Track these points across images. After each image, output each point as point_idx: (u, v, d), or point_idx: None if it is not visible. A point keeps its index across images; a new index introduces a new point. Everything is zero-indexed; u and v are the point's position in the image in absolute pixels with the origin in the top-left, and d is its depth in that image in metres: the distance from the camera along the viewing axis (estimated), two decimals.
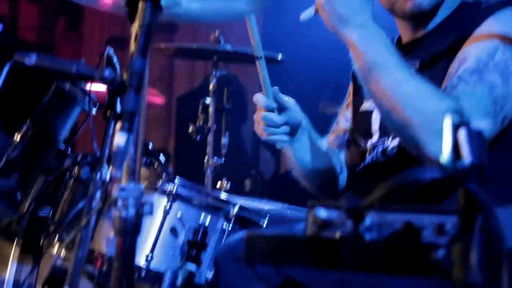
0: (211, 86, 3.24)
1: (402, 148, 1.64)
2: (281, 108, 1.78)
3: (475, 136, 0.82)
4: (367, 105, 1.84)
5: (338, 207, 0.92)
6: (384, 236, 0.87)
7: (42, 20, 6.61)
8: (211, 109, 3.20)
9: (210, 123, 3.18)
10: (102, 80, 1.22)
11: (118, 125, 1.15)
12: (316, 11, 1.57)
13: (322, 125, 2.04)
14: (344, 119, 2.00)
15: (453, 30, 1.66)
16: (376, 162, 1.73)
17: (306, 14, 1.60)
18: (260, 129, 1.77)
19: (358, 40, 1.51)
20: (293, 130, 1.80)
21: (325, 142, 1.98)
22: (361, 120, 1.85)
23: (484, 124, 0.84)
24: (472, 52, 1.55)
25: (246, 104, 4.81)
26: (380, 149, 1.72)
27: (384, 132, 1.74)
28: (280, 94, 1.78)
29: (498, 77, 1.50)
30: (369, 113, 1.82)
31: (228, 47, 3.16)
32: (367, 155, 1.78)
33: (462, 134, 0.82)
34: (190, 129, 3.17)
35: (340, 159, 1.95)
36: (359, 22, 1.50)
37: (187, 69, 5.27)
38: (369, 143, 1.78)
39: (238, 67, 4.61)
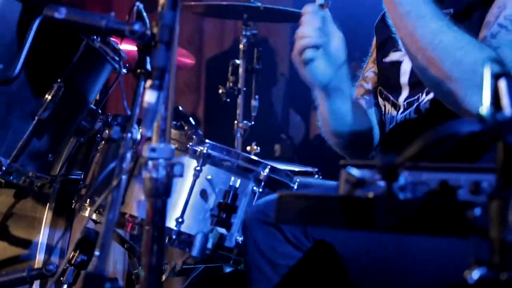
0: (241, 46, 3.21)
1: (435, 103, 1.61)
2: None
3: None
4: (396, 55, 1.79)
5: (371, 165, 0.91)
6: (418, 195, 0.86)
7: None
8: (241, 70, 3.17)
9: (240, 85, 3.16)
10: (132, 34, 1.20)
11: (148, 82, 1.15)
12: None
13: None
14: (371, 72, 1.93)
15: None
16: (409, 119, 1.69)
17: None
18: (297, 38, 1.60)
19: None
20: (332, 65, 1.65)
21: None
22: (389, 72, 1.80)
23: None
24: None
25: (276, 66, 4.78)
26: (414, 106, 1.68)
27: (416, 85, 1.69)
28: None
29: None
30: (398, 64, 1.77)
31: (259, 4, 3.11)
32: (399, 111, 1.73)
33: (503, 84, 0.80)
34: (220, 91, 3.16)
35: (369, 116, 1.89)
36: None
37: (217, 30, 5.23)
38: (400, 98, 1.73)
39: (268, 27, 4.57)
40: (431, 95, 1.64)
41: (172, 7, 1.18)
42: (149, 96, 1.13)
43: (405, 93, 1.73)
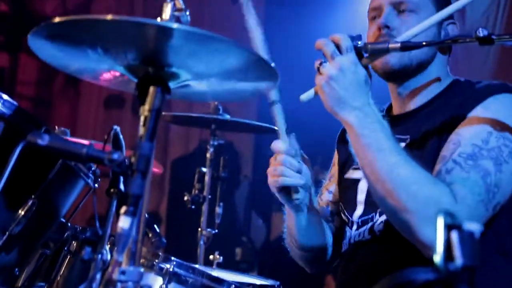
0: (208, 155, 3.27)
1: (389, 226, 1.66)
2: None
3: (467, 238, 0.86)
4: (355, 173, 1.86)
5: None
6: None
7: (41, 75, 6.68)
8: (207, 178, 3.22)
9: (205, 192, 3.20)
10: (111, 162, 1.25)
11: (123, 208, 1.18)
12: (316, 93, 1.61)
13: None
14: (327, 192, 2.02)
15: (445, 107, 1.70)
16: (363, 240, 1.75)
17: (306, 95, 1.64)
18: (276, 174, 1.70)
19: (355, 123, 1.55)
20: (304, 188, 1.74)
21: None
22: (347, 189, 1.88)
23: (475, 226, 0.88)
24: (467, 136, 1.59)
25: (240, 171, 4.86)
26: (368, 228, 1.74)
27: (371, 205, 1.75)
28: (301, 151, 1.74)
29: (492, 165, 1.53)
30: (356, 182, 1.84)
31: (227, 117, 3.21)
32: (353, 229, 1.80)
33: (454, 236, 0.86)
34: (185, 198, 3.19)
35: (327, 233, 1.96)
36: (357, 104, 1.54)
37: (182, 134, 5.33)
38: (355, 215, 1.80)
39: (233, 135, 4.68)
40: (384, 216, 1.70)
41: (150, 139, 1.24)
42: (123, 222, 1.16)
43: (359, 210, 1.80)
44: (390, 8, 1.74)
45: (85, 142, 2.34)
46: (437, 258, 0.84)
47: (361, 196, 1.81)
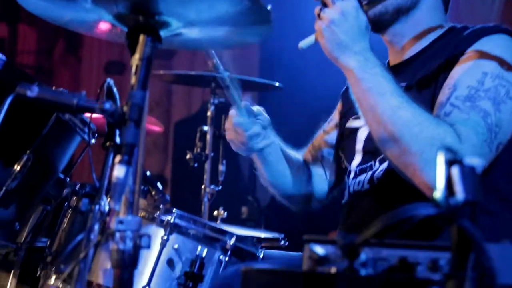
0: (209, 113, 3.26)
1: (389, 175, 1.66)
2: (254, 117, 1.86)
3: (468, 173, 0.84)
4: (355, 122, 1.85)
5: (333, 242, 0.94)
6: (379, 271, 0.89)
7: (41, 44, 6.65)
8: (208, 137, 3.21)
9: (207, 151, 3.19)
10: (103, 112, 1.23)
11: (118, 157, 1.17)
12: (316, 39, 1.59)
13: None
14: (325, 134, 2.05)
15: (440, 53, 1.68)
16: (362, 190, 1.74)
17: (306, 42, 1.62)
18: (237, 142, 1.86)
19: (356, 67, 1.53)
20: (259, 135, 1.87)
21: (300, 155, 2.06)
22: (347, 138, 1.87)
23: (477, 161, 0.86)
24: (462, 78, 1.57)
25: None
26: (368, 177, 1.73)
27: (368, 153, 1.75)
28: (250, 107, 1.86)
29: (490, 105, 1.52)
30: (355, 130, 1.83)
31: (227, 74, 3.18)
32: (351, 177, 1.80)
33: (455, 171, 0.84)
34: (188, 156, 3.18)
35: (315, 172, 2.03)
36: (358, 49, 1.53)
37: (185, 95, 5.31)
38: (353, 164, 1.80)
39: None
40: (384, 165, 1.69)
41: (142, 88, 1.22)
42: (118, 171, 1.15)
43: (357, 159, 1.79)
44: None
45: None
46: (438, 193, 0.83)
47: (359, 145, 1.80)
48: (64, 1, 1.25)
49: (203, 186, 3.13)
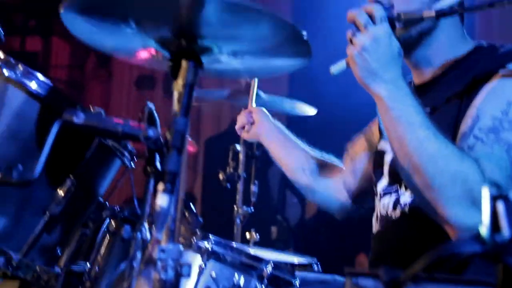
0: None
1: (415, 207, 1.65)
2: None
3: None
4: (382, 144, 1.88)
5: (375, 276, 0.94)
6: None
7: (73, 58, 6.76)
8: (241, 157, 3.21)
9: (240, 171, 3.19)
10: (147, 139, 1.25)
11: (160, 185, 1.18)
12: (347, 65, 1.58)
13: None
14: (360, 145, 2.13)
15: (465, 74, 1.65)
16: (390, 216, 1.75)
17: (337, 68, 1.62)
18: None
19: (386, 95, 1.52)
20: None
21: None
22: (377, 158, 1.90)
23: None
24: (486, 108, 1.54)
25: None
26: (393, 200, 1.73)
27: (394, 178, 1.75)
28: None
29: None
30: (383, 153, 1.85)
31: (261, 94, 3.18)
32: (377, 199, 1.82)
33: (501, 206, 0.83)
34: (221, 176, 3.18)
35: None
36: (389, 77, 1.51)
37: (214, 111, 5.33)
38: (379, 186, 1.82)
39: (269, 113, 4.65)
40: (409, 194, 1.69)
41: (185, 114, 1.23)
42: (161, 200, 1.17)
43: (384, 181, 1.80)
44: None
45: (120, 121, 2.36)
46: (483, 229, 0.82)
47: (385, 168, 1.82)
48: (109, 25, 1.26)
49: (235, 208, 3.13)
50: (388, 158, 1.80)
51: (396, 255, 1.72)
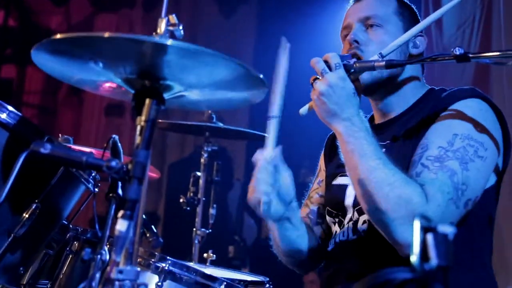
0: (202, 160, 3.27)
1: (371, 228, 1.66)
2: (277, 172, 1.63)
3: (441, 240, 0.87)
4: (343, 179, 1.86)
5: None
6: None
7: (46, 85, 6.67)
8: (201, 182, 3.22)
9: (200, 195, 3.19)
10: (109, 169, 1.24)
11: (121, 212, 1.17)
12: (310, 108, 1.67)
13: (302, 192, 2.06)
14: (317, 194, 2.02)
15: (421, 112, 1.73)
16: (349, 240, 1.75)
17: (304, 109, 1.71)
18: (252, 190, 1.62)
19: (343, 131, 1.59)
20: (283, 202, 1.67)
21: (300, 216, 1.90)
22: (336, 195, 1.86)
23: (449, 229, 0.88)
24: (434, 139, 1.60)
25: (232, 175, 4.86)
26: (351, 225, 1.74)
27: (360, 208, 1.74)
28: (282, 161, 1.64)
29: (458, 164, 1.54)
30: (344, 187, 1.84)
31: (220, 124, 3.21)
32: (339, 229, 1.81)
33: (430, 238, 0.87)
34: (181, 200, 3.18)
35: (315, 235, 1.95)
36: (346, 115, 1.58)
37: (178, 140, 5.34)
38: (346, 218, 1.80)
39: (226, 141, 4.68)
40: (365, 216, 1.70)
41: (146, 147, 1.23)
42: (121, 225, 1.16)
43: (349, 214, 1.79)
44: (358, 25, 1.78)
45: (87, 149, 2.34)
46: (414, 258, 0.85)
47: (348, 200, 1.80)
48: (77, 64, 1.26)
49: (194, 229, 3.12)
50: (353, 191, 1.78)
51: (345, 273, 1.74)
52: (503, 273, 3.26)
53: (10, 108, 1.49)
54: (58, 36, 1.11)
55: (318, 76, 1.61)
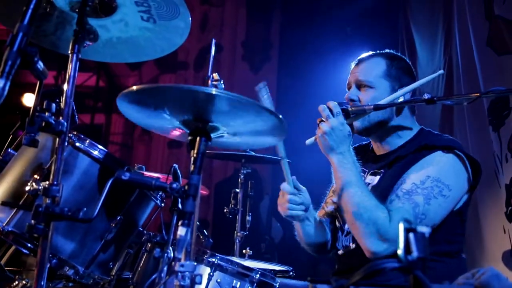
0: (240, 180, 3.26)
1: None
2: (298, 192, 1.80)
3: (420, 237, 0.86)
4: None
5: (329, 283, 0.96)
6: None
7: (125, 127, 6.80)
8: (239, 196, 3.22)
9: (239, 206, 3.19)
10: (171, 190, 1.26)
11: (180, 221, 1.19)
12: (315, 140, 1.70)
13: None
14: (330, 199, 2.03)
15: (411, 148, 1.72)
16: (349, 245, 1.77)
17: (309, 141, 1.72)
18: (283, 208, 1.79)
19: (336, 162, 1.62)
20: (305, 208, 1.82)
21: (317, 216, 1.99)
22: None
23: (426, 229, 0.88)
24: (411, 177, 1.60)
25: (262, 191, 4.84)
26: (351, 235, 1.75)
27: None
28: (297, 182, 1.81)
29: (422, 199, 1.53)
30: None
31: (252, 153, 3.21)
32: (343, 234, 1.82)
33: (411, 236, 0.86)
34: (225, 210, 3.17)
35: (327, 230, 1.98)
36: (340, 151, 1.61)
37: (222, 165, 5.36)
38: (346, 226, 1.80)
39: (258, 165, 4.68)
40: None
41: (197, 173, 1.25)
42: (181, 231, 1.17)
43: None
44: (354, 86, 1.79)
45: (156, 174, 2.37)
46: (400, 252, 0.85)
47: None
48: (152, 113, 1.28)
49: (235, 232, 3.12)
50: None
51: (351, 272, 1.74)
52: (481, 256, 3.13)
53: (100, 146, 1.53)
54: (135, 87, 1.14)
55: (323, 119, 1.64)
